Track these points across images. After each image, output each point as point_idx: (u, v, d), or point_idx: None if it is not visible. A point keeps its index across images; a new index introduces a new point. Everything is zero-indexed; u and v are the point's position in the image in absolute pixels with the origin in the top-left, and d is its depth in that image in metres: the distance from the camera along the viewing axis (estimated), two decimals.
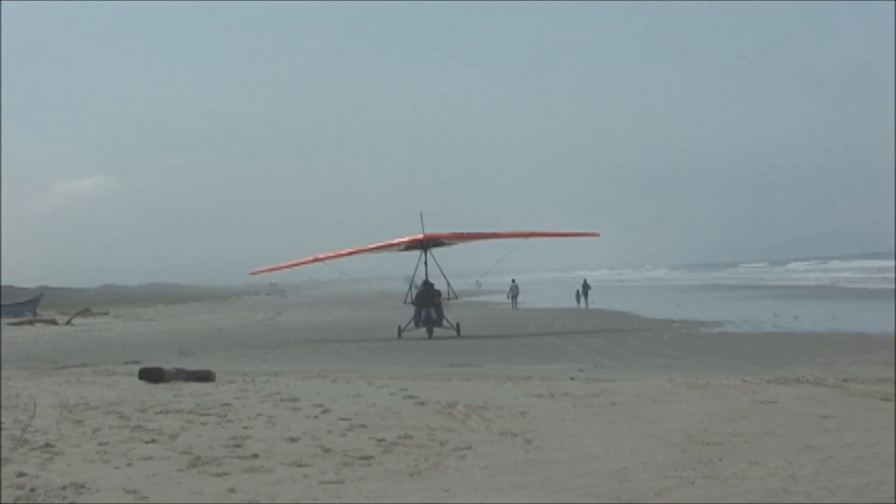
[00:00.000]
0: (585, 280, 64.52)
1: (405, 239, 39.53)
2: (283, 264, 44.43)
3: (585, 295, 61.77)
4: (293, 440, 11.54)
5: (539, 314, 52.72)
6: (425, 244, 39.50)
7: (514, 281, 62.71)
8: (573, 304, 62.42)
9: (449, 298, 38.74)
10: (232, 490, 9.20)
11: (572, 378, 18.21)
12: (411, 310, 37.94)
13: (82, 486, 9.34)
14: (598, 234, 43.36)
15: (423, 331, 37.15)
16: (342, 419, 13.00)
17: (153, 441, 11.58)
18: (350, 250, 40.68)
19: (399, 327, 37.66)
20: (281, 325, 51.31)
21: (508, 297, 62.86)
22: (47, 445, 11.32)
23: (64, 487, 9.30)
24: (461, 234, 40.64)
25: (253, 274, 45.81)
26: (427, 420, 12.89)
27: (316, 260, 41.28)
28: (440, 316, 37.66)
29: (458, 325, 37.17)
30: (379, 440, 11.45)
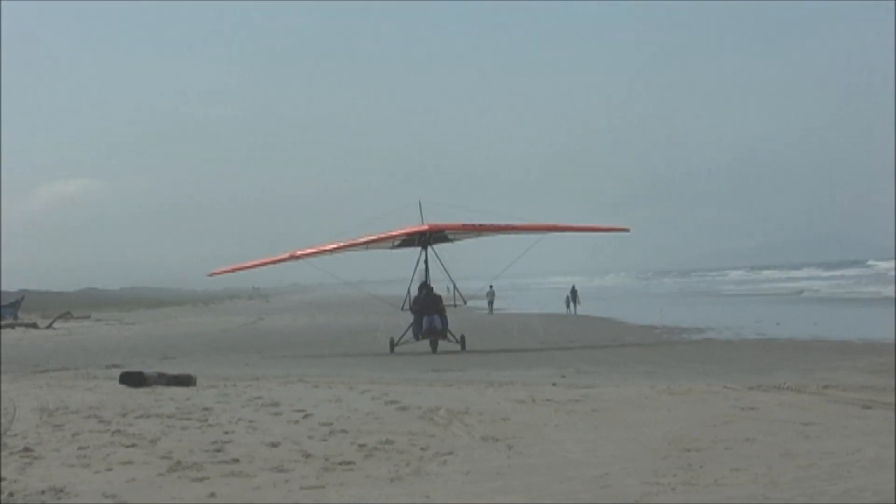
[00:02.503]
0: (574, 286, 64.82)
1: (405, 230, 33.31)
2: (246, 264, 36.86)
3: (574, 301, 62.13)
4: (274, 445, 11.51)
5: (523, 319, 52.77)
6: (426, 238, 33.41)
7: (491, 287, 63.40)
8: (549, 309, 62.78)
9: (455, 304, 33.45)
10: (212, 495, 9.16)
11: (554, 384, 18.22)
12: (401, 319, 33.64)
13: (61, 491, 9.29)
14: (628, 230, 37.49)
15: (420, 344, 31.73)
16: (323, 424, 12.97)
17: (133, 445, 11.53)
18: (334, 245, 33.95)
19: (392, 340, 32.19)
20: (263, 330, 51.23)
21: (487, 302, 64.05)
22: (26, 450, 11.26)
23: (43, 492, 9.25)
24: (471, 225, 33.80)
25: (211, 276, 37.26)
26: (408, 425, 12.87)
27: (293, 258, 34.34)
28: (445, 326, 31.76)
29: (462, 337, 31.78)
30: (360, 445, 11.42)
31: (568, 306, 62.13)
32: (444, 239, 34.32)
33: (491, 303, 64.01)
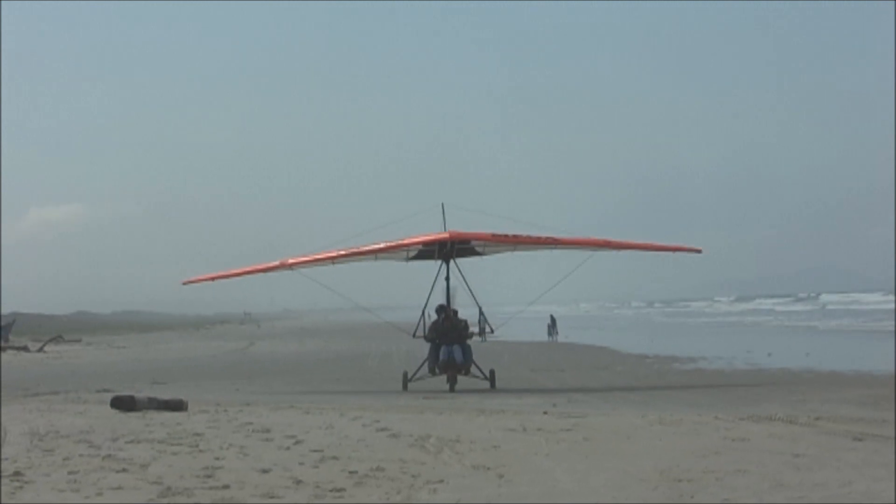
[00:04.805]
0: (552, 315, 64.69)
1: (420, 238, 27.70)
2: (228, 272, 30.28)
3: (555, 329, 62.54)
4: (265, 471, 11.50)
5: (514, 347, 52.70)
6: (449, 249, 27.82)
7: (481, 312, 62.18)
8: (533, 337, 62.63)
9: (482, 333, 28.19)
10: None
11: (545, 412, 18.20)
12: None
13: None
14: (700, 251, 30.25)
15: (437, 380, 26.56)
16: (314, 451, 12.96)
17: (124, 470, 11.51)
18: (334, 253, 28.36)
19: (405, 374, 26.82)
20: (254, 355, 51.15)
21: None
22: (17, 474, 11.24)
23: None
24: (503, 236, 28.07)
25: (186, 283, 30.78)
26: (399, 453, 12.87)
27: (283, 266, 28.62)
28: (468, 359, 26.51)
29: (492, 372, 26.82)
30: (351, 472, 11.42)
31: (549, 334, 62.39)
32: (472, 252, 28.83)
33: (484, 329, 62.54)
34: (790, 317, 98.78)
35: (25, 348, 57.37)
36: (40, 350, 57.29)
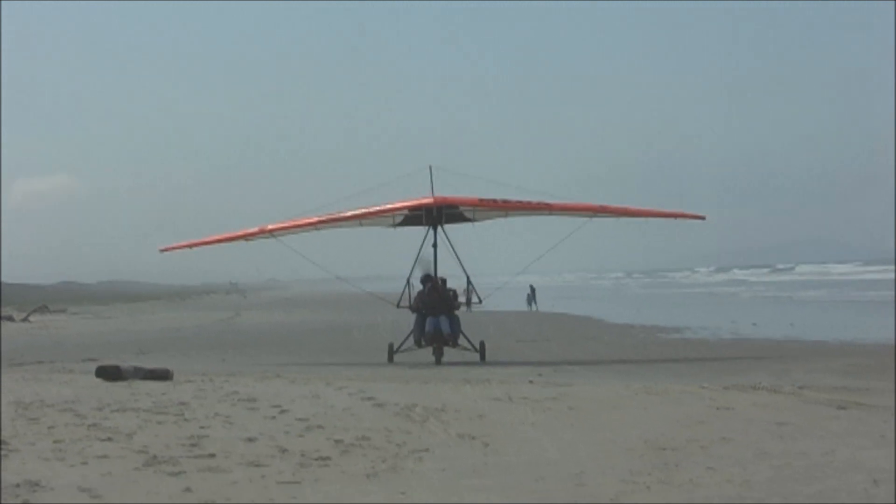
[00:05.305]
0: (531, 285, 64.83)
1: (403, 203, 26.52)
2: (206, 239, 28.82)
3: (535, 299, 62.89)
4: (250, 440, 11.50)
5: (500, 317, 52.82)
6: (436, 215, 26.51)
7: (469, 282, 62.05)
8: (517, 307, 62.84)
9: (469, 303, 27.30)
10: (188, 490, 9.16)
11: (531, 382, 18.25)
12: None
13: (36, 484, 9.26)
14: (704, 218, 28.20)
15: (423, 353, 25.79)
16: (300, 420, 12.97)
17: (109, 439, 11.50)
18: (315, 219, 27.17)
19: (391, 346, 25.94)
20: (240, 326, 51.15)
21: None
22: (1, 443, 11.22)
23: (18, 485, 9.22)
24: (491, 201, 26.83)
25: (163, 251, 29.23)
26: (385, 422, 12.89)
27: (262, 232, 27.37)
28: (455, 330, 25.82)
29: (482, 343, 25.87)
30: (336, 441, 11.43)
31: (529, 304, 62.57)
32: (461, 218, 27.56)
33: (471, 299, 62.39)
34: (767, 287, 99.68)
35: (10, 318, 57.25)
36: (25, 320, 57.19)
